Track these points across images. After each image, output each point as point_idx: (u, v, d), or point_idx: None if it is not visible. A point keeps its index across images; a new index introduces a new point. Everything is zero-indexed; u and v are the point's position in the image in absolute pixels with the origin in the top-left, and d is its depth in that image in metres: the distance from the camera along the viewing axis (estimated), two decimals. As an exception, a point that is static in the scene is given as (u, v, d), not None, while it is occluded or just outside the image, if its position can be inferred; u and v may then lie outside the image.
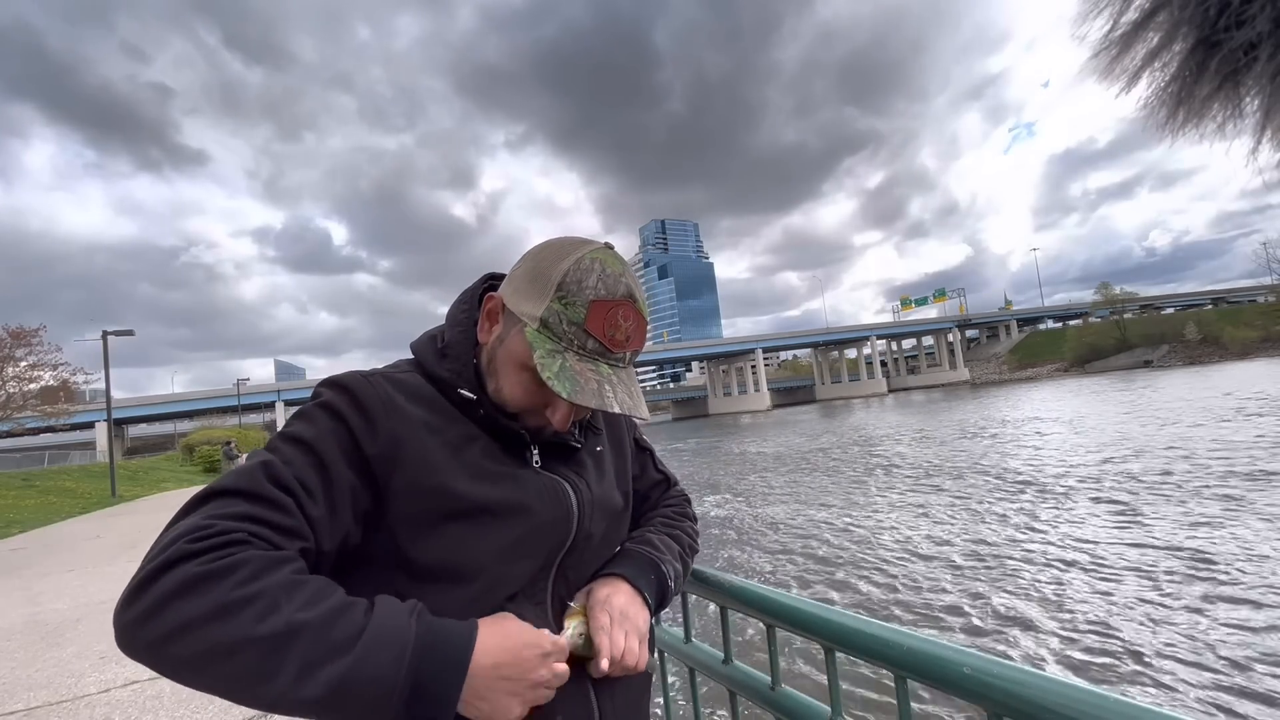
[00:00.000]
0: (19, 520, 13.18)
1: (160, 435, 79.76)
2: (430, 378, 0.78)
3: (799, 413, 57.81)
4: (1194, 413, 18.98)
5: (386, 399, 0.72)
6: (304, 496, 0.64)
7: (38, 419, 28.24)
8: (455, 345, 0.78)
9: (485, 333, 0.78)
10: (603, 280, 0.71)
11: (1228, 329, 67.79)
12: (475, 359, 0.78)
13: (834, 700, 0.74)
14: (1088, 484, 10.71)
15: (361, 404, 0.70)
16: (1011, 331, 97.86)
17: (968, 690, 0.57)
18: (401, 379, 0.76)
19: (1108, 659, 4.70)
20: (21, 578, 7.08)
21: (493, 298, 0.77)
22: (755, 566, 8.26)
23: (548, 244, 0.76)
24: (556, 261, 0.72)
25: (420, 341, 0.82)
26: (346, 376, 0.74)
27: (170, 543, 0.57)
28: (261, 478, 0.63)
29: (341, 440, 0.68)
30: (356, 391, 0.71)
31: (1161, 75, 0.38)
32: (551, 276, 0.71)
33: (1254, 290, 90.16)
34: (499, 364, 0.76)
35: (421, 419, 0.73)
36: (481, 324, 0.78)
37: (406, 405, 0.73)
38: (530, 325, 0.72)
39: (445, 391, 0.76)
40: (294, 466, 0.66)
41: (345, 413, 0.70)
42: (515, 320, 0.74)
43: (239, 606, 0.53)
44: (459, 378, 0.76)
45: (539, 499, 0.75)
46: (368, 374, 0.75)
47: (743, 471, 18.63)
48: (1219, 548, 6.71)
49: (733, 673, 0.92)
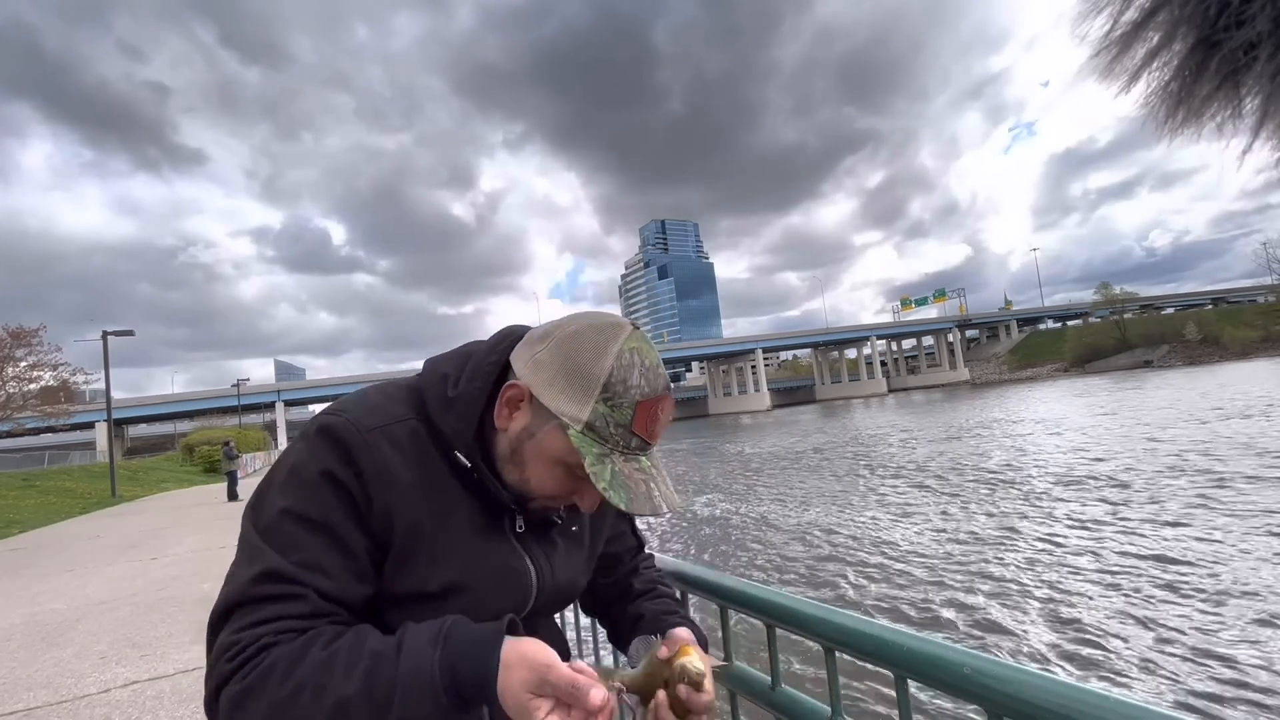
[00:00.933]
0: (19, 520, 13.18)
1: (160, 435, 79.79)
2: (430, 426, 0.75)
3: (799, 413, 57.80)
4: (1180, 414, 18.99)
5: (382, 468, 0.70)
6: (321, 579, 0.65)
7: (38, 419, 28.25)
8: (465, 402, 0.74)
9: (504, 419, 0.73)
10: (645, 376, 0.69)
11: (1228, 329, 67.82)
12: (481, 422, 0.75)
13: (834, 700, 0.74)
14: (1081, 483, 10.71)
15: (361, 473, 0.69)
16: (1011, 331, 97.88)
17: (968, 690, 0.57)
18: (399, 436, 0.73)
19: (1107, 658, 4.70)
20: (21, 578, 7.08)
21: (516, 387, 0.72)
22: (748, 564, 8.26)
23: (578, 334, 0.71)
24: (596, 358, 0.69)
25: (432, 376, 0.78)
26: (345, 429, 0.70)
27: (213, 665, 0.63)
28: (269, 579, 0.64)
29: (349, 510, 0.69)
30: (355, 457, 0.69)
31: (1161, 75, 0.38)
32: (595, 376, 0.68)
33: (1254, 290, 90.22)
34: (527, 456, 0.73)
35: (412, 485, 0.71)
36: (500, 409, 0.73)
37: (401, 471, 0.71)
38: (574, 427, 0.68)
39: (440, 447, 0.74)
40: (305, 551, 0.66)
41: (348, 484, 0.68)
42: (549, 416, 0.70)
43: (288, 704, 0.59)
44: (458, 438, 0.73)
45: (505, 582, 0.77)
46: (366, 430, 0.71)
47: (738, 472, 18.63)
48: (1207, 546, 6.71)
49: (733, 672, 0.91)
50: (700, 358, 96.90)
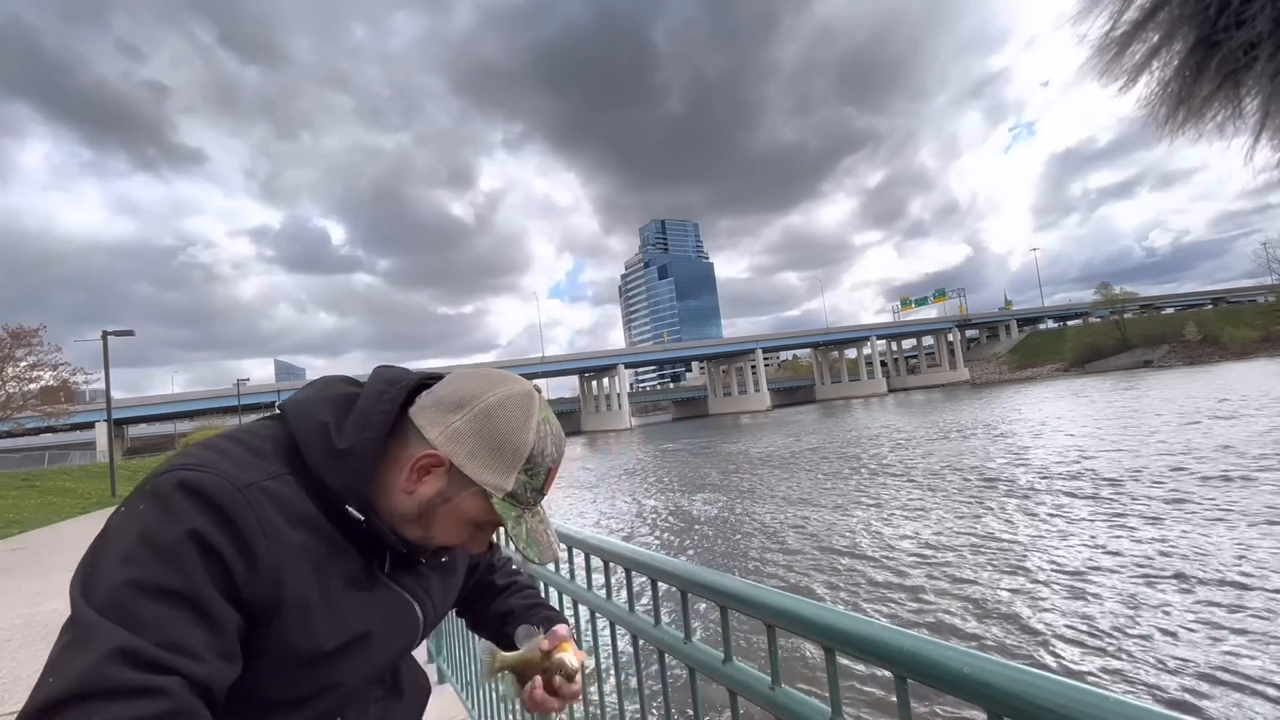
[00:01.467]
0: (19, 520, 13.19)
1: (160, 435, 79.80)
2: (311, 481, 0.69)
3: (799, 413, 57.83)
4: (1173, 414, 19.00)
5: (266, 524, 0.62)
6: (188, 662, 0.54)
7: (38, 419, 28.24)
8: (358, 456, 0.69)
9: (412, 483, 0.72)
10: (554, 444, 0.76)
11: (1228, 329, 67.80)
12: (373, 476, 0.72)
13: (834, 700, 0.74)
14: (1073, 483, 10.72)
15: (240, 534, 0.60)
16: (1011, 331, 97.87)
17: (968, 690, 0.57)
18: (279, 493, 0.65)
19: (1106, 657, 4.71)
20: (21, 578, 7.09)
21: (434, 456, 0.71)
22: (746, 562, 8.26)
23: (500, 407, 0.73)
24: (520, 432, 0.73)
25: (306, 423, 0.71)
26: (214, 485, 0.60)
27: None
28: (122, 661, 0.51)
29: (219, 582, 0.58)
30: (234, 516, 0.60)
31: (1161, 74, 0.38)
32: (519, 450, 0.73)
33: (1254, 290, 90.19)
34: (439, 517, 0.73)
35: (300, 546, 0.65)
36: (409, 474, 0.71)
37: (285, 529, 0.64)
38: (496, 496, 0.72)
39: (322, 500, 0.69)
40: (165, 629, 0.54)
41: (221, 548, 0.58)
42: (468, 484, 0.72)
43: None
44: (349, 493, 0.69)
45: (397, 625, 0.77)
46: (242, 485, 0.62)
47: (734, 471, 18.65)
48: (1206, 547, 6.72)
49: (733, 673, 0.91)
50: (700, 358, 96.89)
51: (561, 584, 1.56)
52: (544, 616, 0.98)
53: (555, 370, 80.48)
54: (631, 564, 1.19)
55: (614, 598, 1.32)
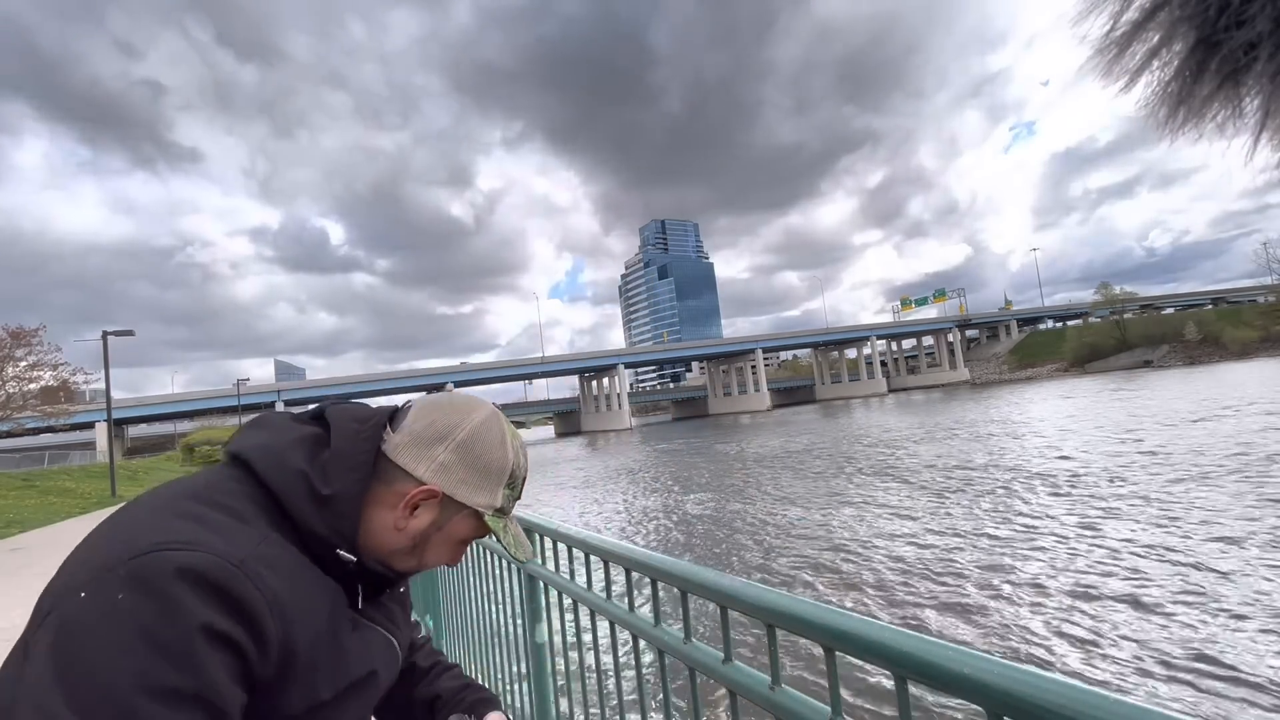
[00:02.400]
0: (19, 520, 13.19)
1: (160, 435, 79.80)
2: (299, 533, 0.67)
3: (799, 413, 57.84)
4: (1173, 413, 19.01)
5: (271, 598, 0.59)
6: None
7: (38, 419, 28.24)
8: (345, 500, 0.69)
9: (405, 518, 0.73)
10: (524, 454, 0.84)
11: (1227, 329, 67.83)
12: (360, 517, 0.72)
13: (834, 700, 0.74)
14: (1075, 482, 10.72)
15: (249, 616, 0.57)
16: (1011, 331, 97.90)
17: (968, 690, 0.57)
18: (274, 558, 0.62)
19: (1106, 657, 4.71)
20: (22, 578, 7.09)
21: (428, 491, 0.73)
22: (744, 561, 8.26)
23: (477, 434, 0.77)
24: (498, 451, 0.78)
25: (283, 474, 0.68)
26: (213, 568, 0.56)
27: None
28: None
29: (232, 672, 0.56)
30: (240, 599, 0.57)
31: (1161, 75, 0.38)
32: (502, 469, 0.79)
33: (1254, 290, 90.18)
34: (433, 545, 0.76)
35: (303, 609, 0.64)
36: (401, 511, 0.73)
37: (288, 596, 0.62)
38: (488, 514, 0.78)
39: (311, 550, 0.68)
40: None
41: (233, 636, 0.56)
42: (459, 508, 0.76)
43: None
44: (339, 536, 0.69)
45: (386, 661, 0.78)
46: (238, 561, 0.58)
47: (731, 471, 18.66)
48: (1206, 545, 6.72)
49: (732, 673, 0.91)
50: (700, 358, 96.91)
51: (562, 584, 1.56)
52: (476, 700, 0.94)
53: (555, 370, 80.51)
54: (631, 564, 1.19)
55: (614, 598, 1.32)
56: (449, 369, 75.39)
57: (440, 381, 71.34)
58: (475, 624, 2.29)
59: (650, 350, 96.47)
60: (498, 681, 2.07)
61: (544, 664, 1.72)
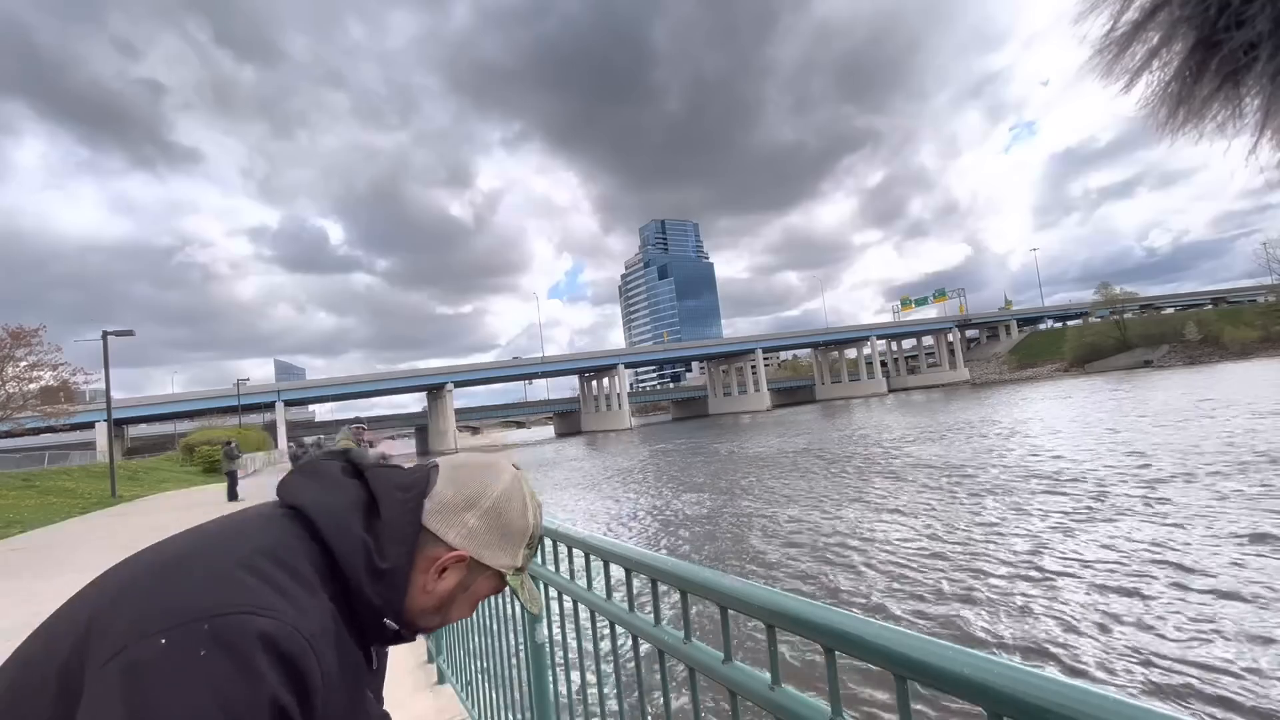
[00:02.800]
0: (19, 520, 13.18)
1: (160, 435, 79.75)
2: (353, 600, 0.71)
3: (799, 413, 57.84)
4: (1172, 414, 19.01)
5: (327, 674, 0.62)
6: None
7: (38, 419, 28.22)
8: (398, 573, 0.74)
9: (434, 580, 0.77)
10: (540, 515, 0.88)
11: (1227, 329, 67.82)
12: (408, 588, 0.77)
13: (834, 700, 0.74)
14: (1073, 482, 10.73)
15: (306, 692, 0.60)
16: (1011, 331, 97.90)
17: (968, 690, 0.57)
18: (333, 631, 0.66)
19: (1105, 656, 4.71)
20: (21, 578, 7.09)
21: (458, 556, 0.77)
22: (741, 559, 8.26)
23: (502, 499, 0.82)
24: (520, 516, 0.83)
25: (349, 549, 0.71)
26: (292, 642, 0.59)
27: None
28: None
29: None
30: (305, 675, 0.59)
31: (1161, 75, 0.38)
32: (524, 531, 0.83)
33: (1254, 290, 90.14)
34: (457, 604, 0.81)
35: (341, 683, 0.66)
36: (432, 575, 0.76)
37: (337, 675, 0.65)
38: (509, 573, 0.82)
39: (360, 614, 0.72)
40: None
41: (290, 711, 0.58)
42: (484, 569, 0.80)
43: None
44: (390, 608, 0.74)
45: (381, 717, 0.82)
46: (310, 636, 0.61)
47: (730, 471, 18.66)
48: (1205, 545, 6.72)
49: (732, 672, 0.91)
50: (700, 358, 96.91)
51: (562, 584, 1.56)
52: None
53: (555, 370, 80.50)
54: (631, 564, 1.19)
55: (614, 598, 1.32)
56: (449, 369, 75.34)
57: (440, 381, 71.30)
58: (475, 624, 2.29)
59: (650, 350, 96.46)
60: (498, 681, 2.07)
61: (544, 664, 1.72)
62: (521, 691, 1.83)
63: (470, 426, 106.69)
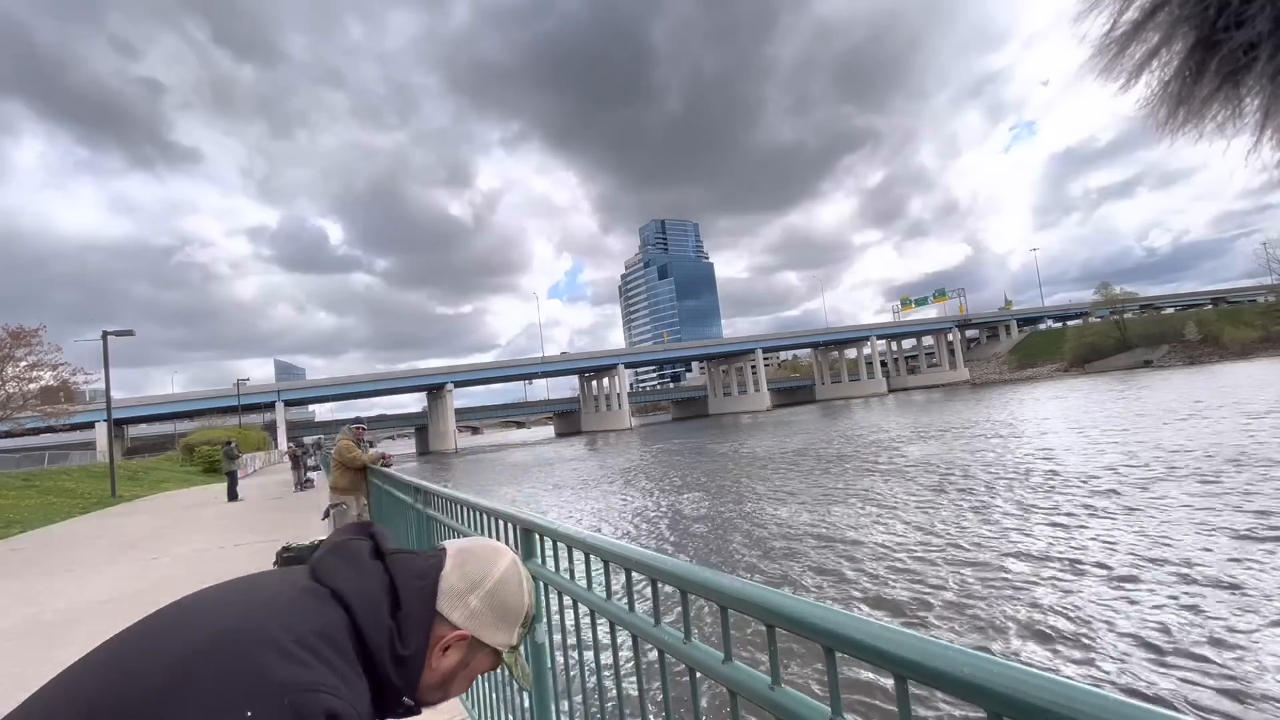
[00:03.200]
0: (19, 520, 13.17)
1: (160, 435, 79.71)
2: (378, 677, 0.77)
3: (798, 413, 57.84)
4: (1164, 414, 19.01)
5: None
6: None
7: (38, 419, 28.22)
8: (417, 658, 0.81)
9: (438, 658, 0.84)
10: (534, 594, 0.95)
11: (1227, 329, 67.86)
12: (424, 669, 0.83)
13: (834, 700, 0.74)
14: (1072, 483, 10.73)
15: None
16: (1011, 331, 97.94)
17: (968, 690, 0.57)
18: (369, 708, 0.74)
19: (1105, 656, 4.71)
20: (21, 578, 7.09)
21: (462, 635, 0.85)
22: (738, 559, 8.26)
23: (502, 583, 0.89)
24: (517, 598, 0.90)
25: (378, 635, 0.78)
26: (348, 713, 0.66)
27: None
28: None
29: None
30: None
31: (1161, 74, 0.38)
32: (520, 611, 0.91)
33: (1254, 290, 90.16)
34: (457, 680, 0.87)
35: None
36: (437, 654, 0.83)
37: None
38: (504, 650, 0.89)
39: (384, 691, 0.78)
40: None
41: None
42: (483, 647, 0.87)
43: None
44: (409, 688, 0.81)
45: None
46: (361, 714, 0.68)
47: (730, 471, 18.66)
48: (1204, 546, 6.72)
49: (732, 672, 0.91)
50: (700, 358, 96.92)
51: (562, 584, 1.56)
52: None
53: (555, 370, 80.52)
54: (631, 564, 1.19)
55: (614, 598, 1.32)
56: (449, 369, 75.32)
57: (440, 382, 71.30)
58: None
59: (650, 350, 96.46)
60: (498, 682, 2.07)
61: (544, 664, 1.72)
62: (521, 691, 1.83)
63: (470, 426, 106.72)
